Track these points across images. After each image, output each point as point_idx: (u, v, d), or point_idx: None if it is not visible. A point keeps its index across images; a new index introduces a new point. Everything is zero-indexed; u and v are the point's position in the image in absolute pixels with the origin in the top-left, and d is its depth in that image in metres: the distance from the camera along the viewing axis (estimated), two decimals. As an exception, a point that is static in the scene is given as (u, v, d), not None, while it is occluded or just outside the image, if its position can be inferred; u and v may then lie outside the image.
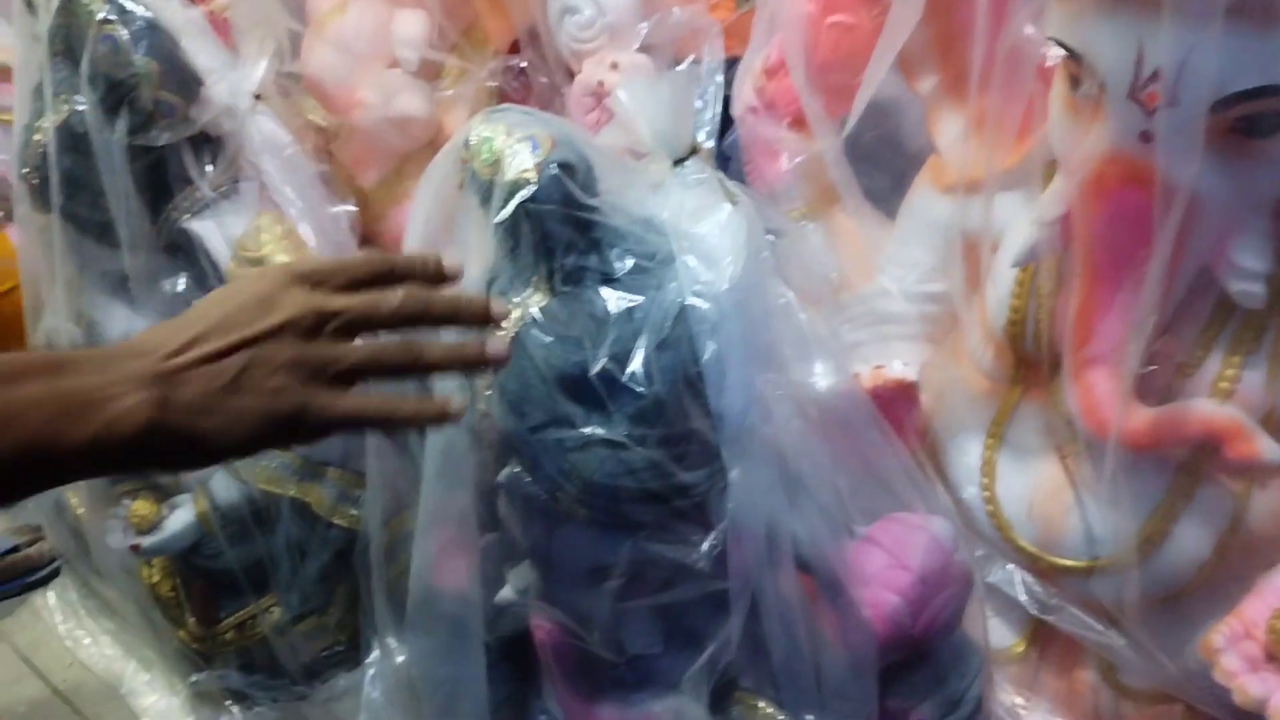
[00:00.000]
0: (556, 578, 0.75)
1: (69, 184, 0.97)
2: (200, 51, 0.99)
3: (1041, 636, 0.87)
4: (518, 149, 0.62)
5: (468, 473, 0.77)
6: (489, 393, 0.67)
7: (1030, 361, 0.80)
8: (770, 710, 0.79)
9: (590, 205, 0.63)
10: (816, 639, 0.69)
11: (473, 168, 0.65)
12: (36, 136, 0.99)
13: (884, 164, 0.93)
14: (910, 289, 0.85)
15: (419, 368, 0.55)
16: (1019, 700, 0.85)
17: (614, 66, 0.92)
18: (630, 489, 0.65)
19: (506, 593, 0.86)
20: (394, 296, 0.53)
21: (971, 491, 0.82)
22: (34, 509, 1.41)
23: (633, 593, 0.71)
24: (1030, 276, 0.77)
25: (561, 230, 0.62)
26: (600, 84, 0.92)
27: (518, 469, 0.68)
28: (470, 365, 0.56)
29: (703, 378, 0.63)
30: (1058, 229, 0.72)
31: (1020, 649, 0.86)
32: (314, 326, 0.51)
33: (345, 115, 1.05)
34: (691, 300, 0.63)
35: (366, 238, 1.15)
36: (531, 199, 0.61)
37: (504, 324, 0.65)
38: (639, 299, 0.63)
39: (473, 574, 0.83)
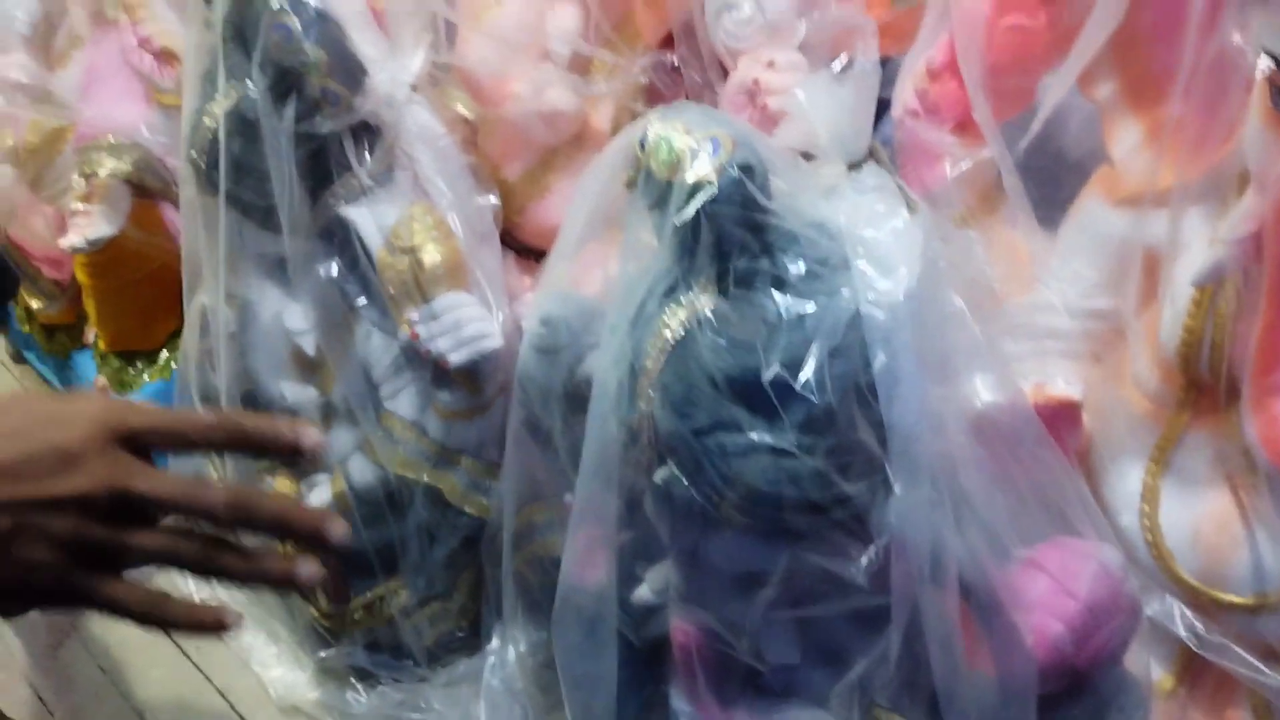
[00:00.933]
0: (703, 581, 0.75)
1: (236, 168, 1.01)
2: (364, 41, 1.02)
3: (1192, 673, 0.83)
4: (699, 149, 0.62)
5: (616, 471, 0.77)
6: (652, 392, 0.67)
7: (1201, 386, 0.76)
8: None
9: (767, 208, 0.62)
10: (973, 663, 0.67)
11: (649, 166, 0.65)
12: (206, 120, 1.03)
13: (1043, 172, 0.90)
14: (1074, 304, 0.82)
15: (212, 574, 0.48)
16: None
17: (770, 64, 0.91)
18: (792, 498, 0.64)
19: (644, 592, 0.86)
20: (218, 495, 0.47)
21: (1130, 518, 0.79)
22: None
23: (782, 602, 0.71)
24: (1209, 297, 0.73)
25: (737, 233, 0.62)
26: (756, 81, 0.91)
27: (675, 470, 0.68)
28: (273, 583, 0.49)
29: (873, 388, 0.62)
30: (1245, 248, 0.69)
31: (1169, 685, 0.83)
32: (108, 508, 0.45)
33: (496, 107, 1.06)
34: (866, 308, 0.62)
35: (507, 230, 1.16)
36: (712, 201, 0.60)
37: (671, 325, 0.66)
38: (811, 305, 0.62)
39: (610, 571, 0.84)
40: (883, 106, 0.95)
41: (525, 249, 1.20)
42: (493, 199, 1.13)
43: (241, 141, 1.00)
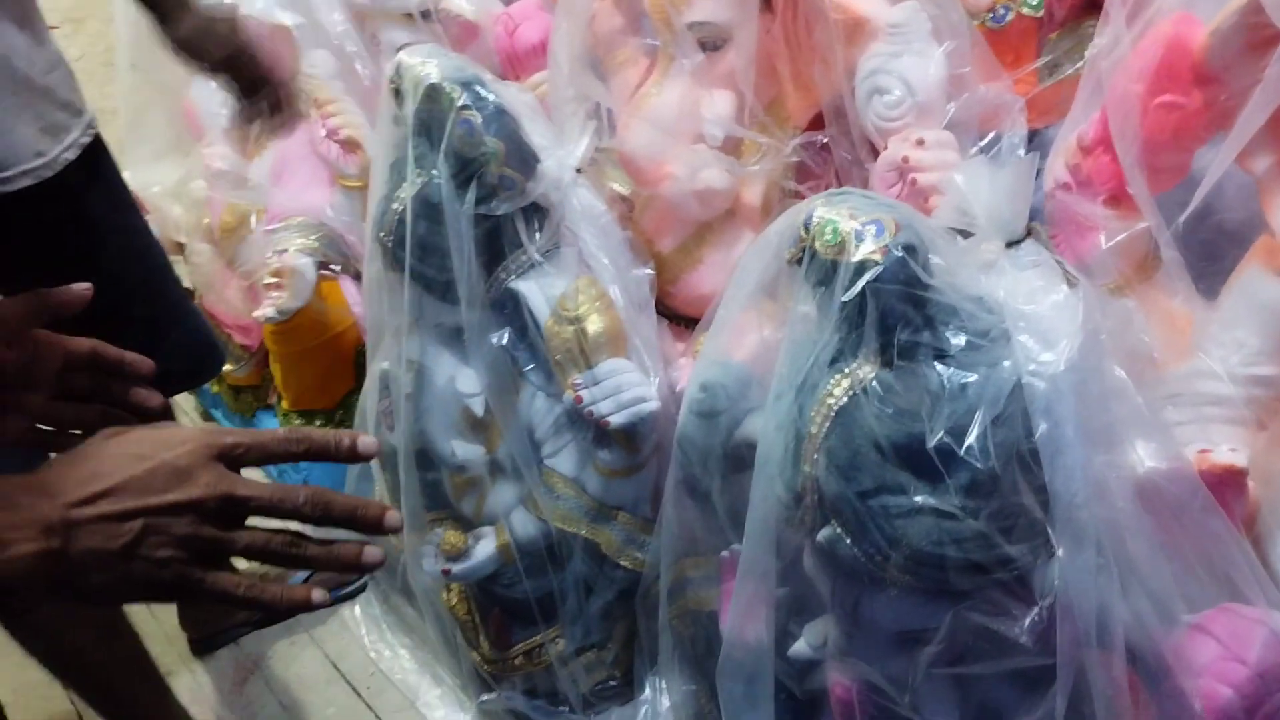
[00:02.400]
0: (864, 638, 0.78)
1: (421, 246, 1.11)
2: (534, 131, 1.11)
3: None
4: (864, 232, 0.66)
5: (777, 531, 0.81)
6: (817, 456, 0.71)
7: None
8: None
9: (929, 284, 0.66)
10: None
11: (814, 248, 0.70)
12: (395, 205, 1.13)
13: (1199, 243, 0.91)
14: (1236, 371, 0.82)
15: (298, 563, 0.56)
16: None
17: (920, 143, 0.96)
18: (955, 558, 0.67)
19: (801, 647, 0.90)
20: (299, 494, 0.54)
21: (1302, 587, 0.78)
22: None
23: (942, 660, 0.73)
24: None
25: (900, 308, 0.66)
26: (905, 159, 0.96)
27: (839, 531, 0.72)
28: (346, 568, 0.57)
29: (1036, 455, 0.65)
30: None
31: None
32: (216, 512, 0.52)
33: (654, 187, 1.14)
34: (1027, 378, 0.65)
35: (661, 299, 1.23)
36: (878, 279, 0.65)
37: (834, 394, 0.70)
38: (974, 375, 0.66)
39: (769, 626, 0.87)
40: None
41: (677, 317, 1.27)
42: (648, 270, 1.20)
43: (426, 223, 1.10)
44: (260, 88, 1.20)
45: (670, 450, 1.17)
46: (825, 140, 1.09)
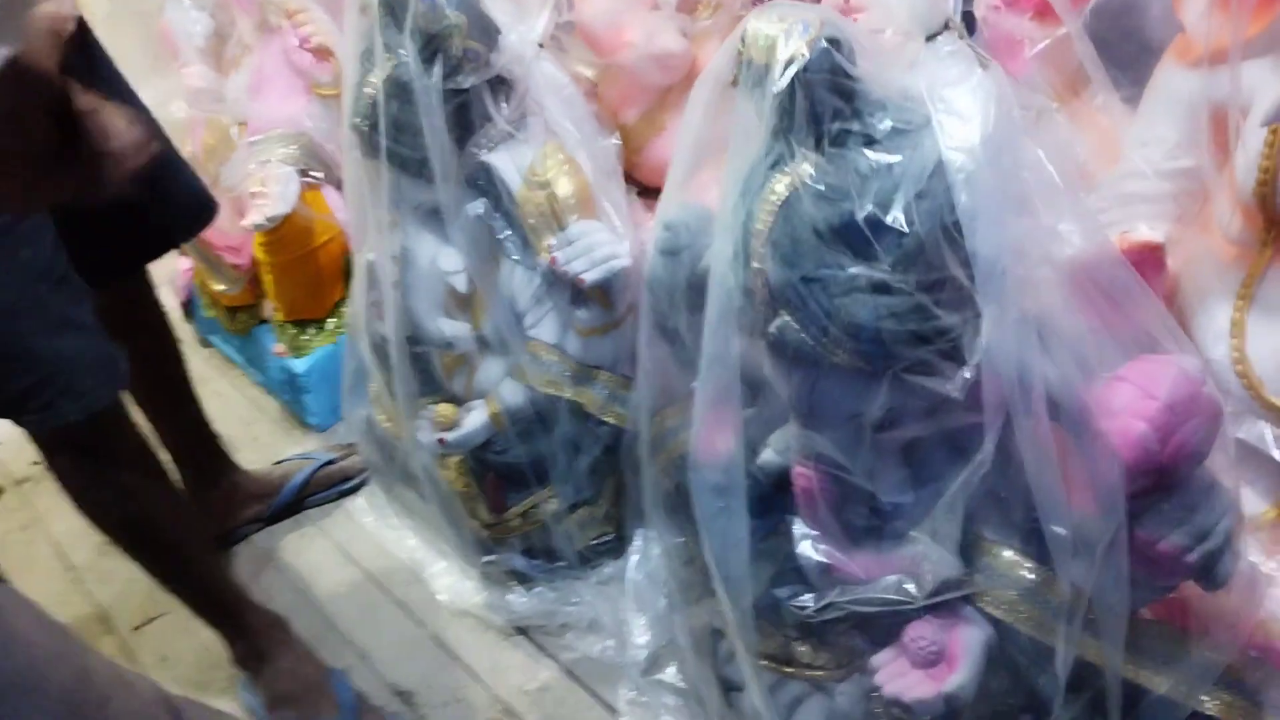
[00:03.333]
0: (819, 424, 0.84)
1: (395, 127, 1.16)
2: (494, 8, 1.16)
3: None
4: (791, 30, 0.72)
5: (736, 338, 0.88)
6: (763, 250, 0.77)
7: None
8: (1015, 557, 0.86)
9: (854, 76, 0.72)
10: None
11: (749, 56, 0.76)
12: (367, 90, 1.18)
13: (1125, 58, 0.96)
14: (1159, 166, 0.88)
15: None
16: (1271, 565, 0.86)
17: (858, -14, 1.01)
18: (893, 330, 0.73)
19: (768, 455, 0.97)
20: None
21: (1220, 352, 0.84)
22: (346, 430, 1.66)
23: (890, 431, 0.80)
24: (1277, 138, 0.79)
25: (829, 98, 0.72)
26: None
27: (787, 318, 0.78)
28: None
29: (960, 226, 0.71)
30: (1310, 84, 0.74)
31: (1272, 515, 0.88)
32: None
33: (612, 56, 1.19)
34: (947, 155, 0.71)
35: (628, 171, 1.29)
36: (805, 69, 0.71)
37: (777, 190, 0.76)
38: (898, 156, 0.72)
39: (738, 436, 0.94)
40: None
41: (645, 190, 1.32)
42: (614, 140, 1.26)
43: (398, 103, 1.15)
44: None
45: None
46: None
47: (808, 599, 0.85)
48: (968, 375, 0.73)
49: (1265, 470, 0.86)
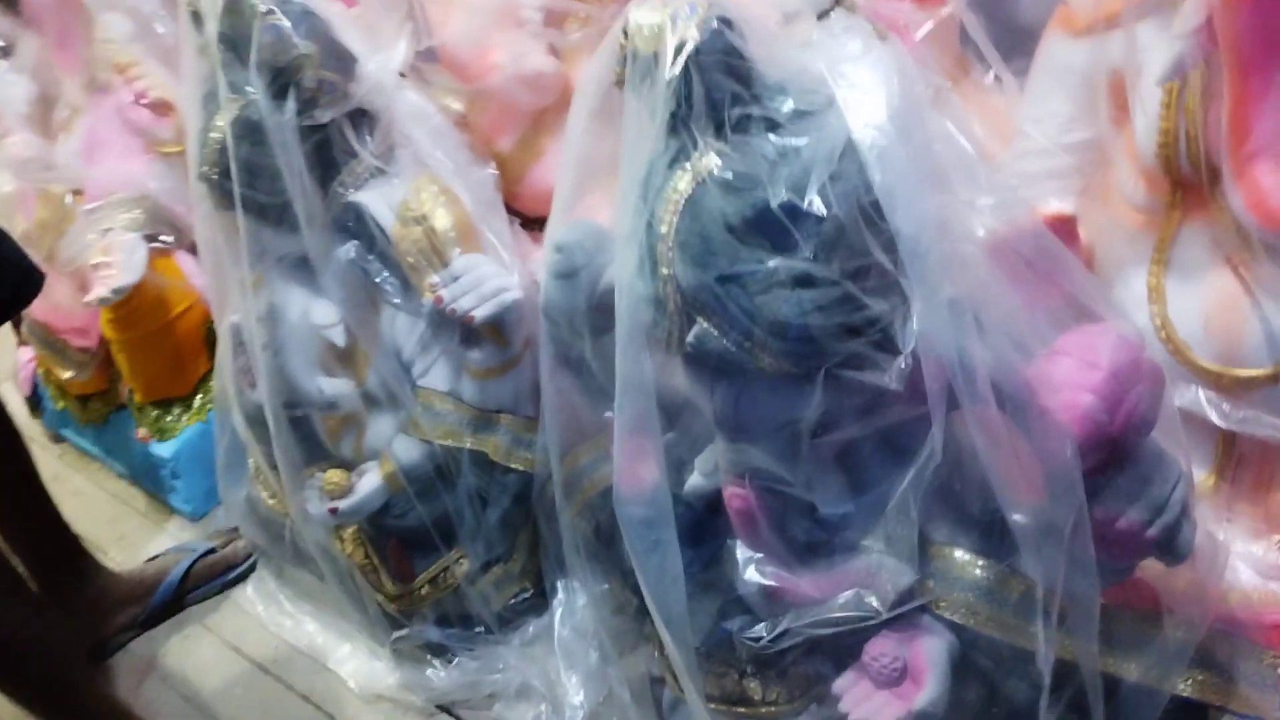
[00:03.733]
0: (749, 437, 0.78)
1: (248, 172, 1.06)
2: (346, 35, 1.08)
3: (1230, 467, 0.86)
4: (677, 15, 0.67)
5: (649, 364, 0.81)
6: (671, 253, 0.71)
7: (1186, 184, 0.80)
8: (967, 556, 0.81)
9: (749, 57, 0.67)
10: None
11: (634, 48, 0.70)
12: (213, 135, 1.08)
13: (1006, 36, 0.95)
14: (1056, 140, 0.86)
15: None
16: (1214, 531, 0.84)
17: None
18: (821, 325, 0.68)
19: (695, 480, 0.90)
20: None
21: (1141, 319, 0.82)
22: (225, 514, 1.52)
23: (825, 437, 0.74)
24: (1175, 97, 0.78)
25: (726, 82, 0.67)
26: None
27: (705, 325, 0.72)
28: None
29: (878, 206, 0.66)
30: (1200, 38, 0.73)
31: (1210, 482, 0.86)
32: None
33: (479, 80, 1.12)
34: (856, 132, 0.66)
35: (508, 202, 1.22)
36: (698, 51, 0.65)
37: (679, 188, 0.70)
38: (805, 139, 0.67)
39: (660, 463, 0.87)
40: None
41: (527, 221, 1.25)
42: (491, 170, 1.18)
43: (249, 145, 1.06)
44: None
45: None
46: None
47: (760, 629, 0.78)
48: (904, 365, 0.68)
49: (1199, 437, 0.84)
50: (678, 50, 0.66)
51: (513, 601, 1.23)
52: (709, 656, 0.89)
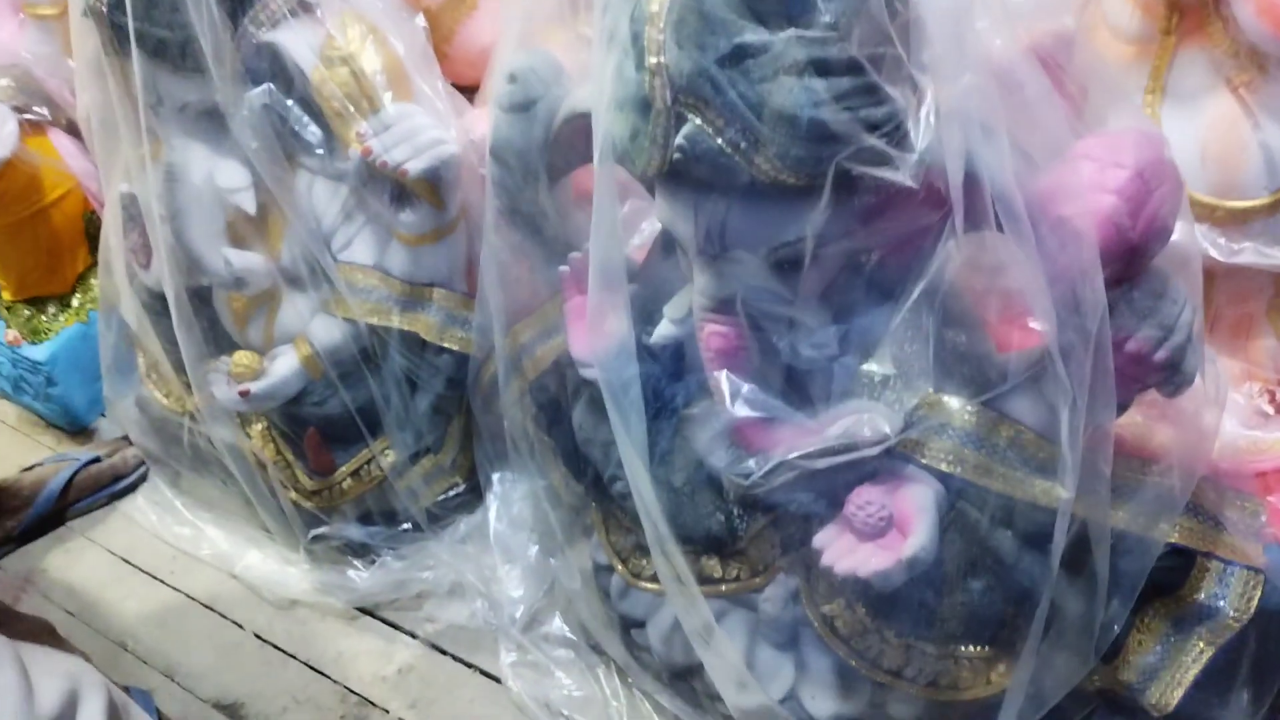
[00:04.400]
0: (735, 269, 0.71)
1: (146, 2, 0.93)
2: None
3: (1211, 316, 0.84)
4: None
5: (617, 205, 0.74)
6: (661, 38, 0.63)
7: (1183, 7, 0.77)
8: (956, 402, 0.76)
9: None
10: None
11: None
12: (103, -42, 0.95)
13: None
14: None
15: None
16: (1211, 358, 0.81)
17: None
18: (834, 119, 0.61)
19: (664, 328, 0.82)
20: None
21: (1138, 151, 0.79)
22: (110, 420, 1.38)
23: (831, 234, 0.67)
24: (1178, -87, 0.74)
25: None
26: None
27: (699, 123, 0.64)
28: None
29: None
30: None
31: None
32: None
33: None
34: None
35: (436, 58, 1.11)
36: None
37: None
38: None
39: (628, 316, 0.80)
40: None
41: (459, 88, 1.15)
42: (421, 22, 1.08)
43: (146, -32, 0.93)
44: None
45: (477, 213, 1.06)
46: None
47: (750, 464, 0.71)
48: (918, 159, 0.62)
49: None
50: None
51: (443, 497, 1.14)
52: (675, 520, 0.82)
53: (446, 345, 1.07)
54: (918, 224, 0.66)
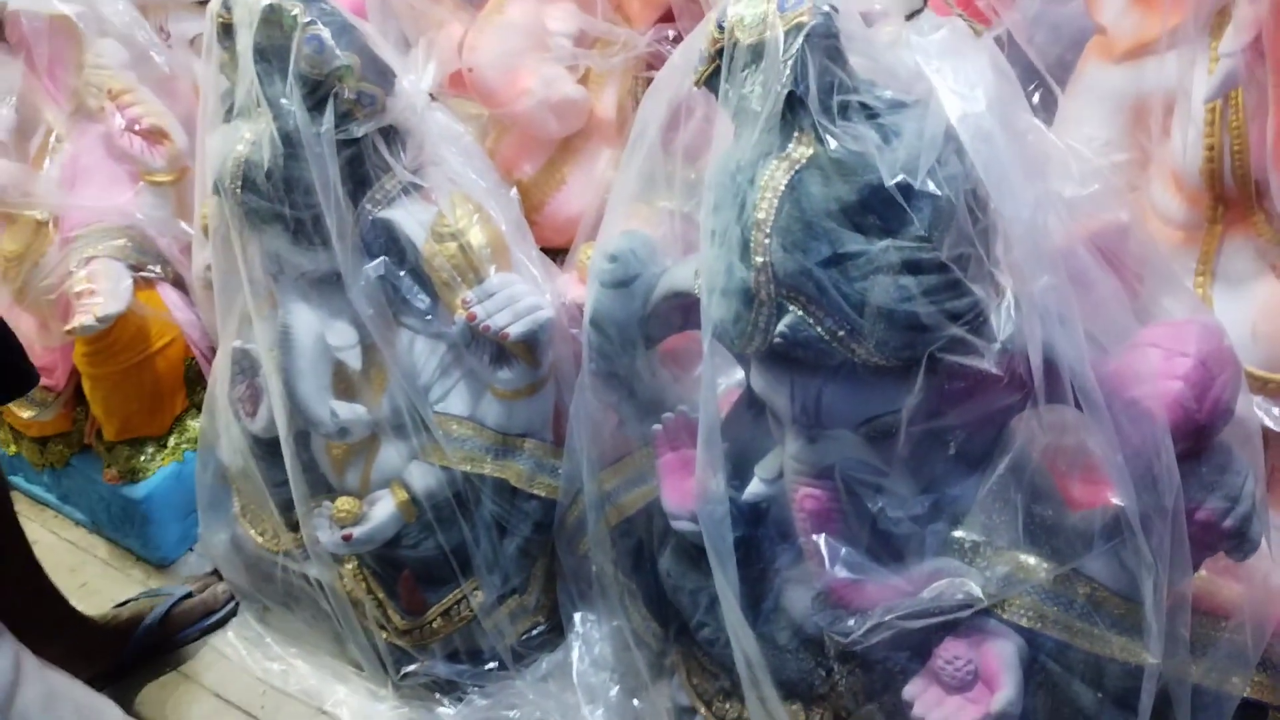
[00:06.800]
0: (826, 440, 0.78)
1: (283, 186, 1.02)
2: (383, 53, 1.07)
3: (1266, 476, 0.89)
4: (784, 2, 0.68)
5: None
6: (767, 241, 0.71)
7: (1227, 199, 0.85)
8: (1033, 560, 0.81)
9: (852, 48, 0.69)
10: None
11: (735, 39, 0.71)
12: (239, 149, 1.05)
13: (1028, 73, 1.00)
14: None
15: None
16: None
17: None
18: (925, 311, 0.68)
19: (756, 487, 0.89)
20: None
21: (1191, 329, 0.85)
22: (200, 557, 1.44)
23: (920, 414, 0.74)
24: (1218, 115, 0.83)
25: (835, 67, 0.68)
26: None
27: (800, 314, 0.72)
28: None
29: (976, 195, 0.68)
30: (1247, 55, 0.78)
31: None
32: None
33: (508, 105, 1.12)
34: (956, 121, 0.68)
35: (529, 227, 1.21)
36: (812, 32, 0.67)
37: (775, 177, 0.71)
38: (910, 123, 0.68)
39: (722, 477, 0.86)
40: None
41: (546, 251, 1.25)
42: (514, 193, 1.18)
43: (282, 159, 1.02)
44: None
45: (565, 369, 1.15)
46: (677, 34, 1.11)
47: (850, 623, 0.77)
48: (1005, 349, 0.69)
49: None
50: (792, 32, 0.67)
51: (527, 635, 1.19)
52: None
53: (535, 491, 1.14)
54: (1001, 404, 0.73)
